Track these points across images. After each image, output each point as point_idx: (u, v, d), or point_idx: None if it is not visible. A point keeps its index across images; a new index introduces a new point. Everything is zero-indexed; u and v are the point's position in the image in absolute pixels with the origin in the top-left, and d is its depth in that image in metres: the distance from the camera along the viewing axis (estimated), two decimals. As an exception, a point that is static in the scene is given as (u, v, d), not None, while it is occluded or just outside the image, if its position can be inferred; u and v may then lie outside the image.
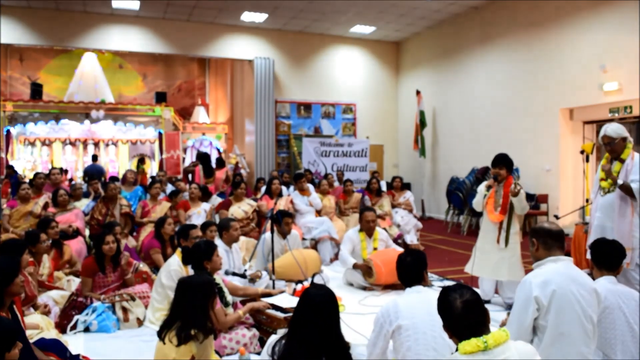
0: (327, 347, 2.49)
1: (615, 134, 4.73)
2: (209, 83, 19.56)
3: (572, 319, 2.76)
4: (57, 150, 14.37)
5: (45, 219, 5.89)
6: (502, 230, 5.21)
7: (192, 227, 5.34)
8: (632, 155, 4.68)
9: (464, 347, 2.13)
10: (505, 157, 5.34)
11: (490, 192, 5.30)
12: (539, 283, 2.81)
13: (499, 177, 5.28)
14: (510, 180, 5.27)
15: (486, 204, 5.32)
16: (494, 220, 5.25)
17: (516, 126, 11.12)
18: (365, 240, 6.43)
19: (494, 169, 5.33)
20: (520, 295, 2.86)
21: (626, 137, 4.73)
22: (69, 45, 13.12)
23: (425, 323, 2.91)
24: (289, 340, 2.56)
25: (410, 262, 3.27)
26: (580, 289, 2.82)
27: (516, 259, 5.19)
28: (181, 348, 2.85)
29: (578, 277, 2.88)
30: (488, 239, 5.30)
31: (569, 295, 2.78)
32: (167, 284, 4.56)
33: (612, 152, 4.77)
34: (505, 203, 5.19)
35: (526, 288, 2.83)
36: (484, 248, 5.30)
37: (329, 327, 2.54)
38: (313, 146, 12.92)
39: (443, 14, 12.76)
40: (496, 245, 5.22)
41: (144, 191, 8.39)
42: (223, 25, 13.54)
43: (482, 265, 5.30)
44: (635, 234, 4.59)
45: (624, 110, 8.99)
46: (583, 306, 2.79)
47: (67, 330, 4.47)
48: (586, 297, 2.82)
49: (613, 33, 8.93)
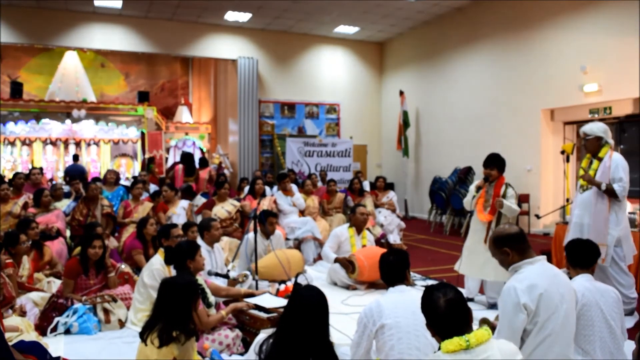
0: (315, 347, 2.49)
1: (590, 131, 4.88)
2: (192, 82, 19.43)
3: (558, 319, 2.77)
4: (38, 150, 14.16)
5: (25, 219, 5.80)
6: (490, 231, 5.19)
7: (174, 226, 5.31)
8: (609, 155, 4.77)
9: (447, 346, 2.14)
10: (497, 158, 5.32)
11: (480, 192, 5.32)
12: (524, 289, 2.76)
13: (490, 177, 5.29)
14: (502, 180, 5.27)
15: (476, 204, 5.33)
16: (482, 220, 5.25)
17: (498, 126, 11.23)
18: (355, 237, 6.47)
19: (485, 169, 5.31)
20: (508, 303, 2.78)
21: (601, 137, 4.83)
22: (50, 43, 12.94)
23: (408, 322, 2.91)
24: (276, 340, 2.55)
25: (393, 262, 3.28)
26: (561, 287, 2.84)
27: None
28: (163, 349, 2.82)
29: (557, 276, 2.90)
30: (476, 238, 5.31)
31: (555, 296, 2.78)
32: (150, 283, 4.52)
33: (586, 149, 4.94)
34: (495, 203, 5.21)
35: (512, 295, 2.77)
36: (472, 247, 5.32)
37: (318, 328, 2.53)
38: (297, 146, 12.92)
39: (426, 15, 12.83)
40: (484, 245, 5.21)
41: (126, 191, 8.32)
42: (206, 25, 13.47)
43: (470, 264, 5.32)
44: (610, 230, 4.69)
45: (604, 111, 9.12)
46: (566, 305, 2.81)
47: (47, 332, 4.40)
48: (567, 295, 2.85)
49: (593, 35, 9.05)
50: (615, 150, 4.92)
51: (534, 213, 9.44)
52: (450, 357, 2.12)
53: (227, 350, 3.96)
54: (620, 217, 4.75)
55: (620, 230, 4.72)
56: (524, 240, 2.97)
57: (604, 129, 4.88)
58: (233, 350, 3.99)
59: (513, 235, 2.96)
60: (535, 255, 2.95)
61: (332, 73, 15.07)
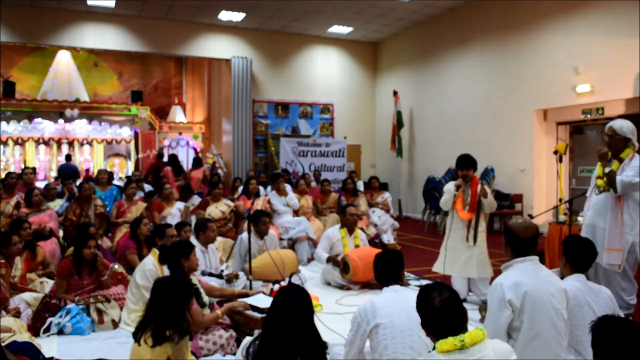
0: (302, 347, 2.48)
1: (620, 129, 4.49)
2: (185, 82, 19.40)
3: (545, 318, 2.80)
4: (30, 149, 14.09)
5: (18, 219, 5.76)
6: (470, 229, 5.34)
7: (168, 226, 5.30)
8: (631, 156, 4.46)
9: (441, 345, 2.14)
10: (471, 158, 5.46)
11: (459, 191, 5.41)
12: (510, 285, 2.84)
13: (467, 177, 5.41)
14: (476, 179, 5.43)
15: (455, 203, 5.43)
16: (463, 218, 5.36)
17: (491, 126, 11.27)
18: (347, 237, 6.47)
19: (462, 170, 5.42)
20: (494, 298, 2.88)
21: (630, 139, 4.49)
22: (42, 42, 12.87)
23: (402, 321, 2.92)
24: (262, 341, 2.55)
25: (387, 262, 3.28)
26: (550, 287, 2.87)
27: (484, 256, 5.34)
28: (156, 349, 2.81)
29: (547, 276, 2.93)
30: (457, 237, 5.42)
31: (541, 295, 2.82)
32: (142, 283, 4.52)
33: (610, 147, 4.58)
34: (474, 202, 5.32)
35: (498, 291, 2.86)
36: (453, 247, 5.42)
37: (304, 327, 2.52)
38: (291, 146, 12.91)
39: (420, 15, 12.85)
40: (465, 243, 5.34)
41: (119, 191, 8.29)
42: (200, 24, 13.44)
43: (452, 263, 5.41)
44: (625, 235, 4.40)
45: (596, 112, 9.18)
46: (555, 305, 2.83)
47: (40, 333, 4.38)
48: (556, 295, 2.87)
49: (586, 36, 9.10)
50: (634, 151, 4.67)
51: (527, 213, 9.48)
52: (445, 357, 2.12)
53: (221, 350, 3.95)
54: (635, 219, 4.42)
55: (635, 236, 4.41)
56: (529, 247, 3.01)
57: (634, 129, 4.53)
58: (227, 350, 3.97)
59: (520, 238, 3.01)
60: (529, 255, 2.99)
61: (326, 73, 15.07)
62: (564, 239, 3.67)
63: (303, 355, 2.46)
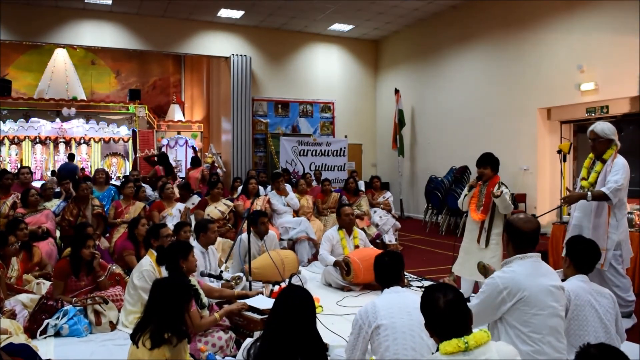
0: (303, 348, 2.46)
1: (602, 132, 4.69)
2: (184, 80, 19.34)
3: (544, 316, 2.80)
4: (27, 149, 14.02)
5: (14, 220, 5.72)
6: (483, 230, 5.16)
7: (163, 226, 5.23)
8: (613, 157, 4.65)
9: (445, 347, 2.13)
10: (490, 157, 5.27)
11: (473, 191, 5.27)
12: (507, 279, 2.88)
13: (484, 176, 5.22)
14: (496, 179, 5.20)
15: (469, 203, 5.28)
16: (475, 219, 5.21)
17: (494, 125, 11.20)
18: (345, 238, 6.40)
19: (479, 168, 5.25)
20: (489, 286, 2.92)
21: (612, 140, 4.68)
22: (39, 40, 12.79)
23: (404, 322, 2.90)
24: (264, 342, 2.53)
25: (388, 263, 3.26)
26: (549, 284, 2.87)
27: (496, 260, 5.01)
28: (154, 351, 2.78)
29: (546, 274, 2.93)
30: (471, 238, 5.28)
31: (540, 292, 2.83)
32: (140, 285, 4.47)
33: (594, 150, 4.75)
34: (488, 203, 5.13)
35: (495, 282, 2.90)
36: (467, 248, 5.30)
37: (305, 328, 2.50)
38: (291, 145, 12.85)
39: (422, 13, 12.79)
40: (477, 245, 5.19)
41: (117, 191, 8.20)
42: (199, 22, 13.37)
43: (463, 265, 5.31)
44: (610, 235, 4.60)
45: (600, 110, 9.10)
46: (554, 303, 2.83)
47: (36, 334, 4.32)
48: (555, 292, 2.87)
49: (590, 33, 9.03)
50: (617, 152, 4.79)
51: (531, 213, 9.41)
52: (448, 359, 2.12)
53: (220, 352, 3.92)
54: (620, 220, 4.64)
55: (620, 234, 4.63)
56: (530, 241, 3.00)
57: (614, 130, 4.73)
58: (226, 352, 3.95)
59: (522, 231, 3.00)
60: (531, 252, 2.99)
61: (326, 71, 15.00)
62: (567, 240, 3.68)
63: (304, 357, 2.45)
